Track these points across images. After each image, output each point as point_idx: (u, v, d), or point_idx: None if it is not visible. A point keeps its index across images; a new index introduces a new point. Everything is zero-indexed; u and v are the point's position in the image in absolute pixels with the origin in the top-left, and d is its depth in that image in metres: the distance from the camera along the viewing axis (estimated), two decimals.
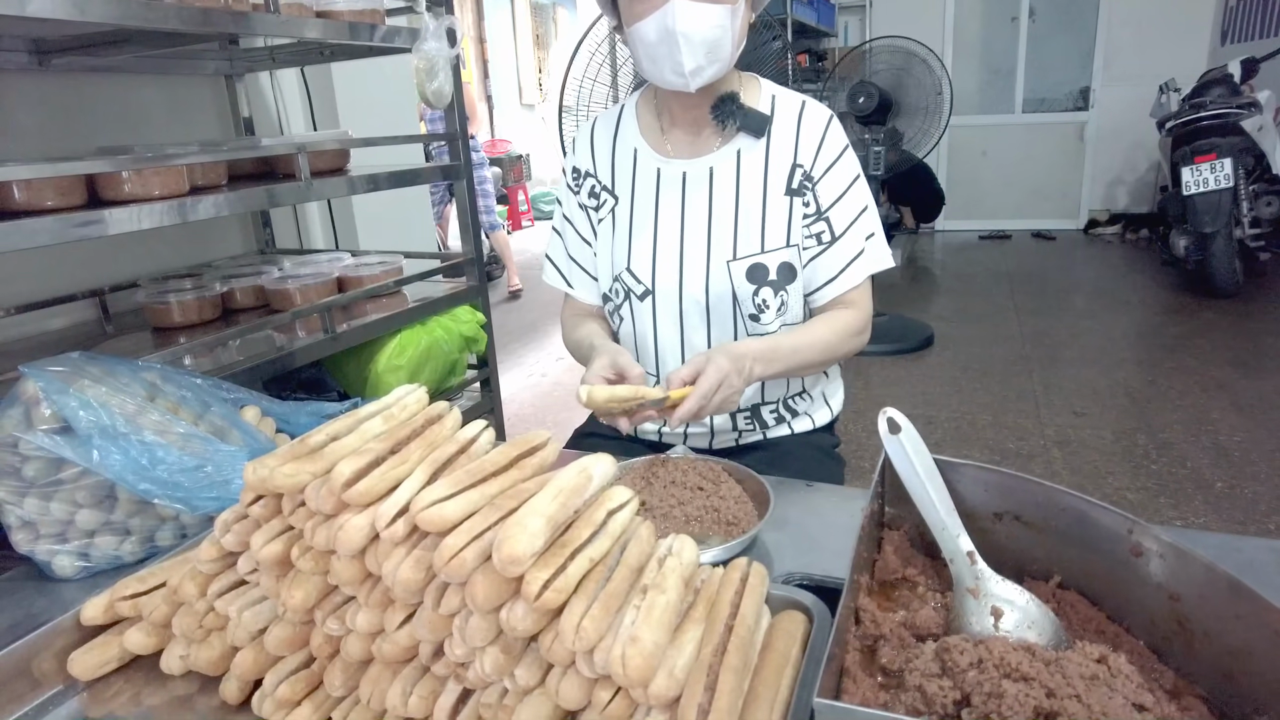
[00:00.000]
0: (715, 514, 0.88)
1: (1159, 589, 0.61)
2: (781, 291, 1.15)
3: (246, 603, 0.69)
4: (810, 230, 1.16)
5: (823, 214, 1.16)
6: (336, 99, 2.38)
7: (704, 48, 1.03)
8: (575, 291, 1.30)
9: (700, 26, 1.01)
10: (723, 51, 1.05)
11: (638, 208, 1.20)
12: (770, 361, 1.07)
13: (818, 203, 1.15)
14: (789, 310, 1.17)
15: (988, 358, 3.74)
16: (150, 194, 1.35)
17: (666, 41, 1.02)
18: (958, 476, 0.72)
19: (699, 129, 1.17)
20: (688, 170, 1.17)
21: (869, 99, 3.78)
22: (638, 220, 1.20)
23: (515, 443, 0.71)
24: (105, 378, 0.96)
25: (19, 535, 0.92)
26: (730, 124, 1.13)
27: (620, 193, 1.22)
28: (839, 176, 1.15)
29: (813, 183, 1.15)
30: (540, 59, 10.05)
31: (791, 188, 1.15)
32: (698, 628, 0.62)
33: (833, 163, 1.15)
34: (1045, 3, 6.67)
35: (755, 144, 1.15)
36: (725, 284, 1.15)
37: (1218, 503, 2.35)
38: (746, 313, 1.16)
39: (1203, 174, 4.20)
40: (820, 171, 1.15)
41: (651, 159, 1.20)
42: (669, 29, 1.01)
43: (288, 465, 0.65)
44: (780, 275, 1.15)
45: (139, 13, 1.18)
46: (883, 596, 0.72)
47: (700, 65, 1.04)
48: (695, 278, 1.16)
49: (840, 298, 1.18)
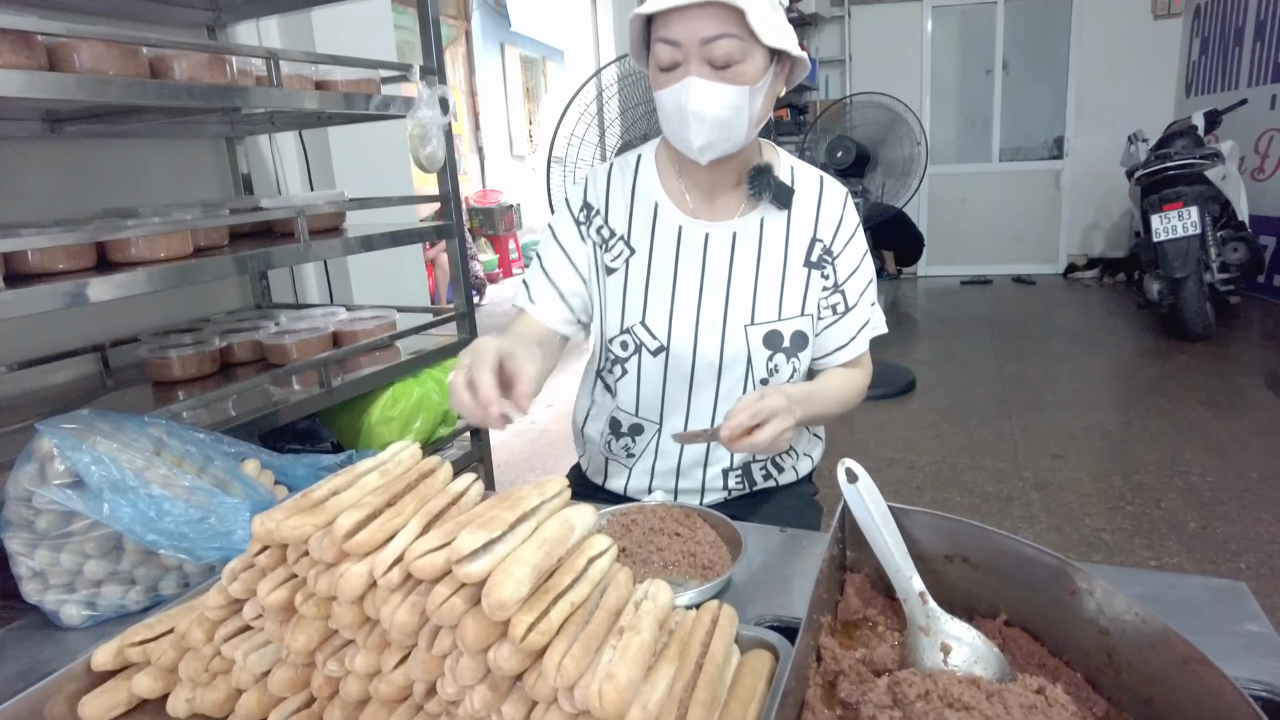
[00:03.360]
0: (691, 558, 0.94)
1: (1090, 624, 0.67)
2: (794, 358, 1.20)
3: (251, 647, 0.74)
4: (828, 302, 1.22)
5: (839, 287, 1.22)
6: (333, 159, 2.47)
7: (716, 127, 1.05)
8: (534, 308, 1.24)
9: (713, 106, 1.03)
10: (736, 130, 1.07)
11: (656, 264, 1.20)
12: (806, 406, 1.09)
13: (836, 276, 1.21)
14: (798, 376, 1.22)
15: (968, 402, 3.82)
16: (156, 256, 1.42)
17: (679, 116, 1.04)
18: (911, 522, 0.78)
19: (720, 189, 1.19)
20: (710, 232, 1.19)
21: (846, 153, 3.92)
22: (655, 276, 1.20)
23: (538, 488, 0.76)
24: (115, 433, 1.01)
25: (29, 585, 0.97)
26: (765, 195, 1.16)
27: (638, 245, 1.21)
28: (855, 252, 1.22)
29: (832, 257, 1.20)
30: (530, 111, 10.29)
31: (810, 260, 1.20)
32: (670, 666, 0.67)
33: (850, 238, 1.21)
34: (1018, 56, 6.93)
35: (778, 214, 1.19)
36: (741, 347, 1.18)
37: (1191, 543, 2.41)
38: (759, 376, 1.20)
39: (1171, 221, 4.35)
40: (840, 248, 1.21)
41: (674, 215, 1.20)
42: (681, 106, 1.03)
43: (293, 518, 0.71)
44: (793, 343, 1.19)
45: (152, 91, 1.27)
46: (845, 635, 0.77)
47: (711, 142, 1.06)
48: (710, 339, 1.18)
49: (850, 362, 1.26)
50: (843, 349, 1.24)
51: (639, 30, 1.08)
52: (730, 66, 1.02)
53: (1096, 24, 6.58)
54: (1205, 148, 4.68)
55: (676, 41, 1.01)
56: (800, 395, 1.08)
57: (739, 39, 1.00)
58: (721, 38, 1.00)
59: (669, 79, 1.05)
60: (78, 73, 1.22)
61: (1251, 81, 5.45)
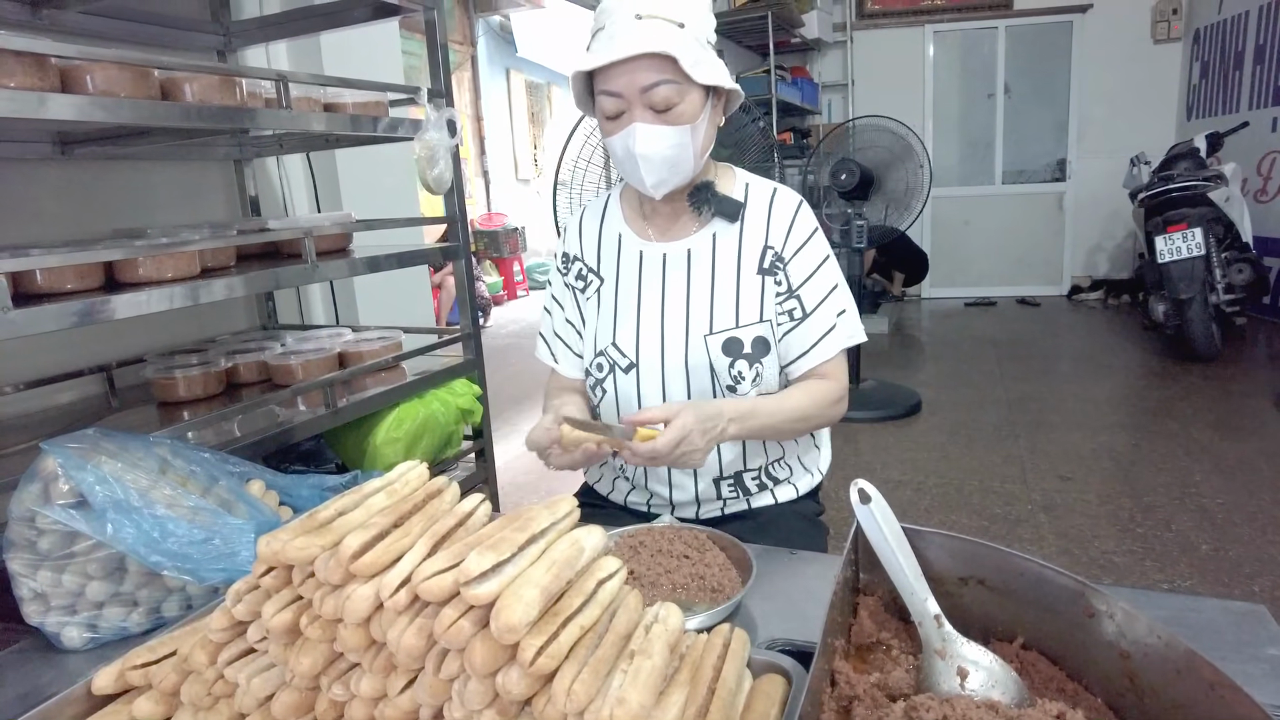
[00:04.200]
0: (700, 581, 0.92)
1: (1111, 647, 0.66)
2: (757, 364, 1.22)
3: (255, 670, 0.72)
4: (783, 307, 1.24)
5: (794, 292, 1.23)
6: (340, 182, 2.49)
7: (665, 165, 1.12)
8: (560, 366, 1.37)
9: (659, 147, 1.10)
10: (683, 165, 1.14)
11: (622, 287, 1.28)
12: (746, 421, 1.14)
13: (789, 282, 1.23)
14: (764, 381, 1.24)
15: (974, 424, 3.80)
16: (164, 276, 1.43)
17: (630, 160, 1.12)
18: (925, 543, 0.77)
19: (677, 216, 1.27)
20: (667, 252, 1.26)
21: (850, 175, 3.93)
22: (622, 299, 1.28)
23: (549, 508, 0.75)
24: (120, 453, 1.01)
25: (30, 607, 0.96)
26: (706, 210, 1.22)
27: (605, 274, 1.31)
28: (808, 258, 1.24)
29: (784, 263, 1.23)
30: (535, 135, 10.37)
31: (763, 267, 1.23)
32: (682, 691, 0.66)
33: (802, 245, 1.23)
34: (1020, 80, 6.98)
35: (730, 228, 1.25)
36: (703, 356, 1.22)
37: (1203, 565, 2.38)
38: (724, 383, 1.23)
39: (1175, 243, 4.35)
40: (790, 253, 1.23)
41: (634, 243, 1.29)
42: (630, 150, 1.11)
43: (299, 539, 0.70)
44: (755, 348, 1.22)
45: (163, 113, 1.27)
46: (859, 659, 0.76)
47: (662, 179, 1.14)
48: (675, 351, 1.24)
49: (815, 369, 1.25)
50: (805, 355, 1.24)
51: (582, 85, 1.15)
52: (670, 109, 1.09)
53: (1097, 49, 6.63)
54: (1208, 170, 4.69)
55: (618, 93, 1.09)
56: (735, 411, 1.13)
57: (675, 83, 1.07)
58: (659, 85, 1.07)
59: (615, 126, 1.12)
60: (90, 95, 1.23)
61: (1252, 104, 5.48)
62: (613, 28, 1.07)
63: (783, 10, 5.61)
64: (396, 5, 1.82)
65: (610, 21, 1.08)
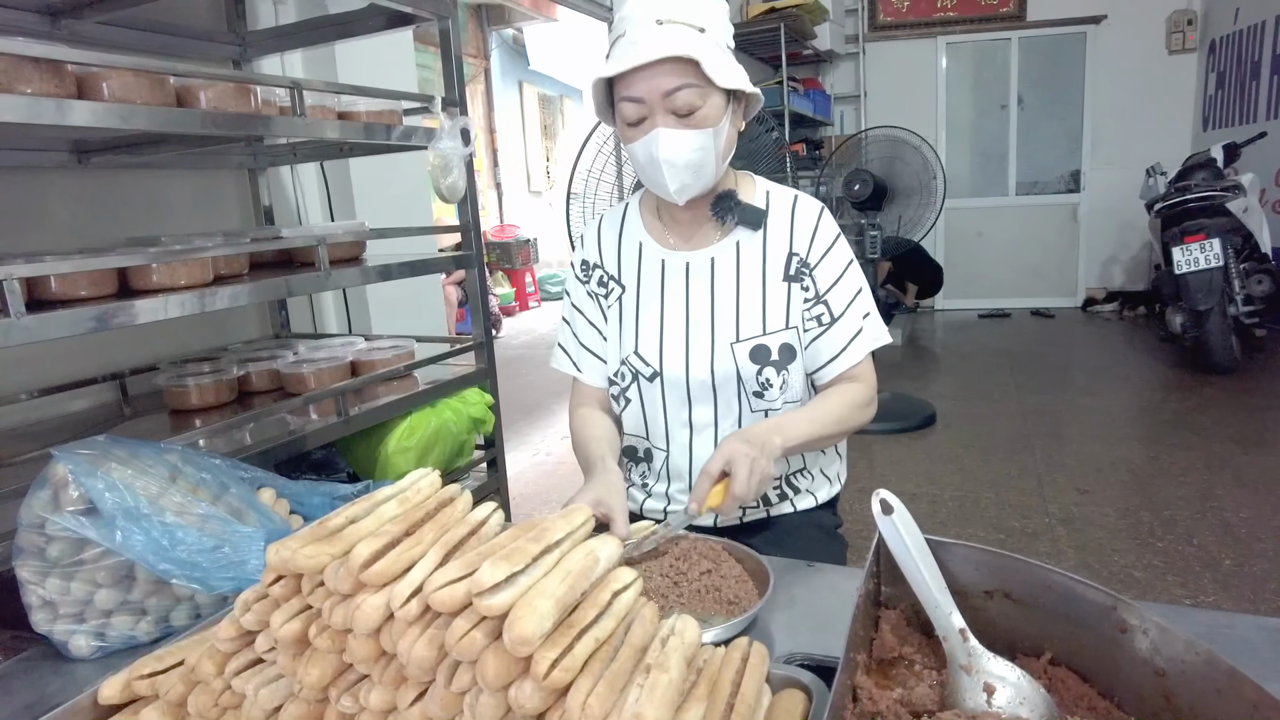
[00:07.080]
0: (717, 593, 0.90)
1: (1145, 665, 0.63)
2: (784, 370, 1.21)
3: (262, 681, 0.71)
4: (811, 313, 1.23)
5: (821, 297, 1.23)
6: (354, 191, 2.49)
7: (688, 170, 1.11)
8: (584, 376, 1.35)
9: (682, 152, 1.09)
10: (706, 170, 1.13)
11: (644, 296, 1.27)
12: (789, 432, 1.12)
13: (816, 287, 1.23)
14: (790, 388, 1.23)
15: (990, 436, 3.76)
16: (177, 284, 1.42)
17: (653, 165, 1.11)
18: (949, 555, 0.74)
19: (698, 224, 1.26)
20: (690, 260, 1.25)
21: (864, 186, 3.92)
22: (644, 307, 1.27)
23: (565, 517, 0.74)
24: (131, 460, 1.00)
25: (38, 615, 0.95)
26: (729, 219, 1.21)
27: (627, 282, 1.29)
28: (834, 262, 1.23)
29: (809, 269, 1.23)
30: (548, 148, 10.42)
31: (789, 274, 1.23)
32: (700, 706, 0.64)
33: (827, 250, 1.23)
34: (1033, 91, 6.95)
35: (753, 235, 1.23)
36: (730, 364, 1.21)
37: (1226, 580, 2.33)
38: (751, 390, 1.22)
39: (1193, 254, 4.30)
40: (816, 259, 1.23)
41: (656, 251, 1.28)
42: (654, 155, 1.09)
43: (309, 547, 0.69)
44: (782, 355, 1.21)
45: (178, 120, 1.27)
46: (881, 674, 0.74)
47: (685, 184, 1.13)
48: (701, 359, 1.22)
49: (845, 373, 1.24)
50: (836, 360, 1.23)
51: (601, 93, 1.14)
52: (693, 113, 1.08)
53: (1111, 60, 6.60)
54: (1225, 180, 4.64)
55: (640, 98, 1.08)
56: (773, 425, 1.12)
57: (697, 87, 1.06)
58: (681, 89, 1.06)
59: (638, 133, 1.11)
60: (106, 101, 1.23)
61: (1269, 115, 5.43)
62: (634, 34, 1.06)
63: (795, 22, 5.62)
64: (411, 15, 1.82)
65: (631, 28, 1.07)
